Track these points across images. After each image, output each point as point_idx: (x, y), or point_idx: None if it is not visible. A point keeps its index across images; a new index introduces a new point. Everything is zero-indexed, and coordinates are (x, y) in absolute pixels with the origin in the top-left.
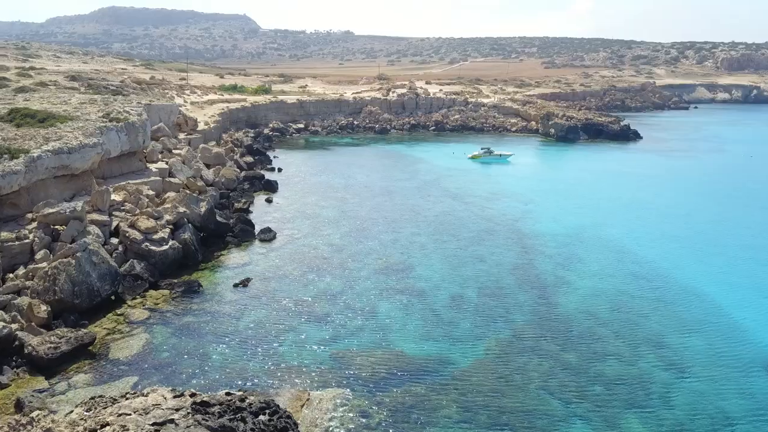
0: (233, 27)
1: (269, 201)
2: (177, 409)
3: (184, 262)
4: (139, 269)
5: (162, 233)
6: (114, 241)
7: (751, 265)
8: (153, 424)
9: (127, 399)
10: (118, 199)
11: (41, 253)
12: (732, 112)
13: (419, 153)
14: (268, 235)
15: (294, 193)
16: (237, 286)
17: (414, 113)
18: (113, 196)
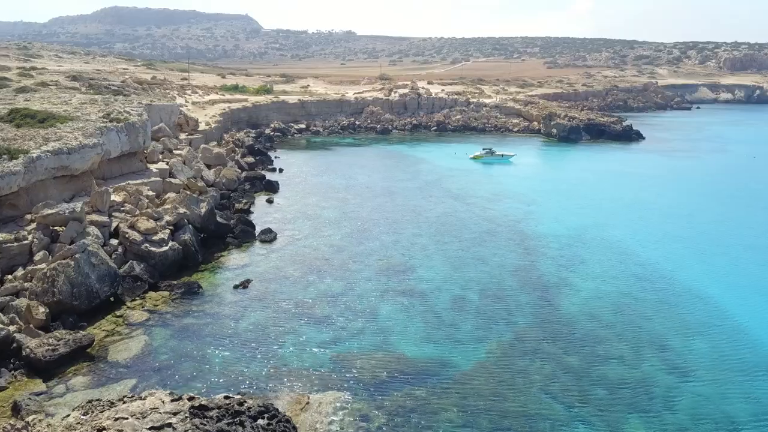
0: (235, 27)
1: (270, 201)
2: (175, 413)
3: (184, 264)
4: (139, 270)
5: (162, 234)
6: (114, 242)
7: (755, 266)
8: (150, 429)
9: (124, 402)
10: (118, 199)
11: (40, 255)
12: (735, 113)
13: (421, 153)
14: (268, 236)
15: (295, 193)
16: (237, 287)
17: (416, 113)
18: (113, 197)
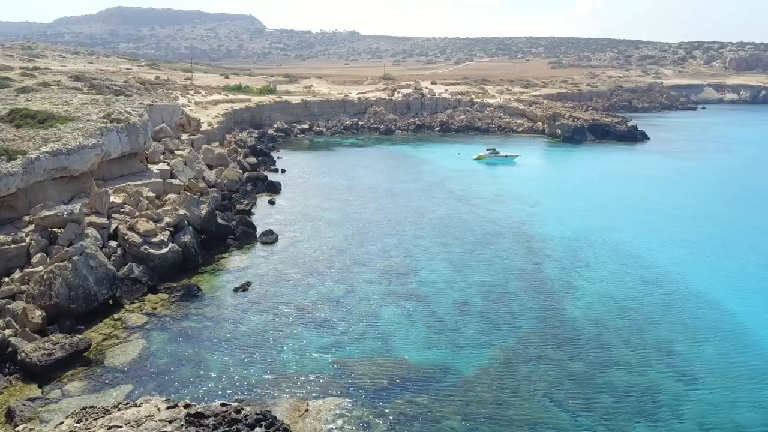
0: (239, 27)
1: (272, 202)
2: (170, 421)
3: (184, 266)
4: (138, 273)
5: (161, 236)
6: (113, 244)
7: (762, 269)
8: None
9: (119, 410)
10: (118, 201)
11: (38, 257)
12: (740, 113)
13: (424, 154)
14: (269, 237)
15: (297, 194)
16: (237, 290)
17: (419, 114)
18: (113, 198)
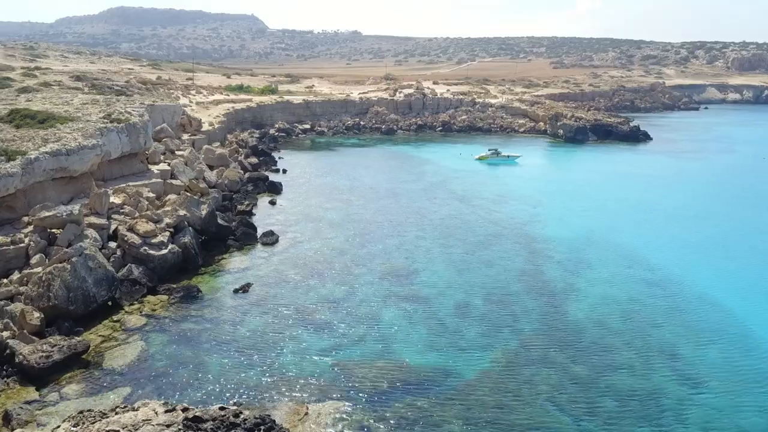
0: (241, 27)
1: (273, 203)
2: (168, 425)
3: (184, 267)
4: (137, 274)
5: (161, 237)
6: (112, 245)
7: (766, 270)
8: None
9: (116, 413)
10: (118, 201)
11: (37, 258)
12: (743, 113)
13: (426, 154)
14: (270, 238)
15: (298, 194)
16: (237, 291)
17: (421, 114)
18: (112, 199)
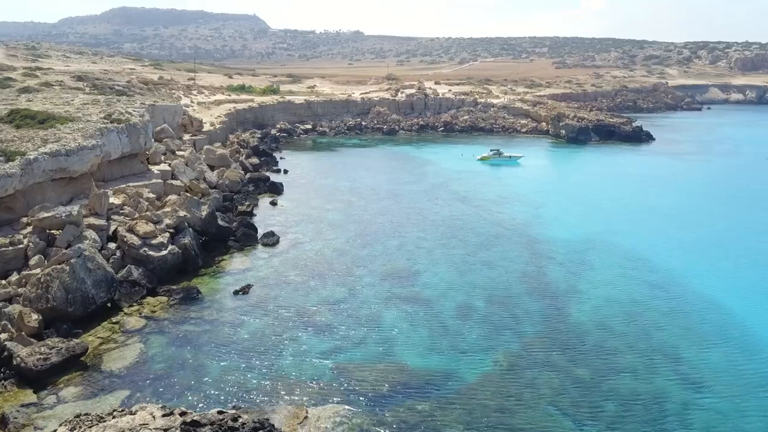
0: (243, 27)
1: (274, 204)
2: (165, 430)
3: (184, 268)
4: (137, 275)
5: (161, 238)
6: (112, 246)
7: None
8: None
9: (113, 417)
10: (117, 202)
11: (35, 259)
12: (746, 113)
13: (427, 154)
14: (271, 239)
15: (299, 195)
16: (237, 293)
17: (423, 114)
18: (112, 200)
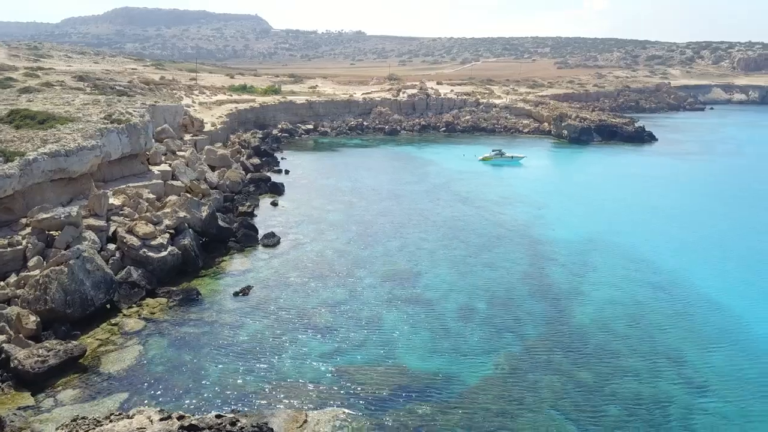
0: (245, 27)
1: (274, 204)
2: None
3: (184, 269)
4: (136, 276)
5: (161, 239)
6: (111, 246)
7: None
8: None
9: (110, 421)
10: (117, 203)
11: (34, 260)
12: (749, 114)
13: (429, 155)
14: (271, 240)
15: (300, 196)
16: (237, 294)
17: (424, 114)
18: (112, 200)
